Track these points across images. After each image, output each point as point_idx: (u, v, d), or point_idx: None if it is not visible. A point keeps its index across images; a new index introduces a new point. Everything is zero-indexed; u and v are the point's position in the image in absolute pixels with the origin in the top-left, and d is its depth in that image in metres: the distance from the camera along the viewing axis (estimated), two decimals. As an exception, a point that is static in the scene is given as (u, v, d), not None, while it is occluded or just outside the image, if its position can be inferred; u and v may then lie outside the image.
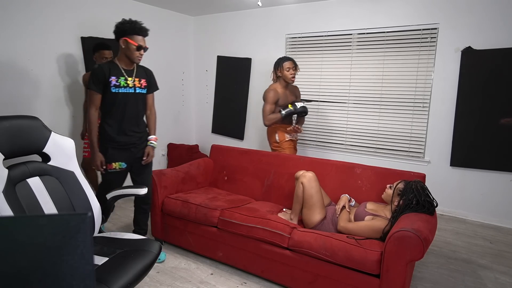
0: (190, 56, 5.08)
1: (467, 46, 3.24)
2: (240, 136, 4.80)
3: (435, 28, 3.37)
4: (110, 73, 2.22)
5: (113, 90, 2.23)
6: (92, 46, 3.15)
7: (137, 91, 2.34)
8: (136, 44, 2.21)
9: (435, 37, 3.39)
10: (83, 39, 3.50)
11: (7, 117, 1.64)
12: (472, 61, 3.22)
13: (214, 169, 3.16)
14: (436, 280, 2.33)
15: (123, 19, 2.24)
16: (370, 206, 2.22)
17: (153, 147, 2.49)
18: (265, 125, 3.12)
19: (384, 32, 3.63)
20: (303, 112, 3.12)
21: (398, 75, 3.61)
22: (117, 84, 2.24)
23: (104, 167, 2.29)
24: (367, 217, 2.10)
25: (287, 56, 3.21)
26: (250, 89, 4.65)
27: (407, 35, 3.52)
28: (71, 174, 1.82)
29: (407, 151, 3.70)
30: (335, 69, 3.95)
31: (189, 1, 4.14)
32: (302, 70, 4.17)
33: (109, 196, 1.94)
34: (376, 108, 3.78)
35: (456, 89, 3.34)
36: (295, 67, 3.09)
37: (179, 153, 4.72)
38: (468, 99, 3.29)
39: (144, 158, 2.43)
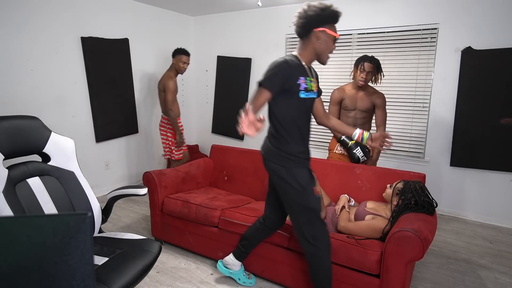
0: (190, 56, 5.07)
1: (467, 46, 3.24)
2: (240, 136, 4.80)
3: (435, 28, 3.37)
4: (299, 72, 1.70)
5: (302, 96, 1.69)
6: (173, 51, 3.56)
7: (315, 96, 1.84)
8: (338, 36, 1.73)
9: (435, 37, 3.39)
10: (83, 39, 3.50)
11: (7, 117, 1.65)
12: (472, 61, 3.22)
13: (214, 169, 3.16)
14: (436, 280, 2.33)
15: (310, 4, 1.69)
16: (370, 205, 2.21)
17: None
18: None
19: (384, 32, 3.63)
20: (355, 158, 2.63)
21: (398, 75, 3.61)
22: (307, 87, 1.70)
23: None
24: (367, 217, 2.09)
25: (374, 57, 2.59)
26: (250, 89, 4.64)
27: (407, 35, 3.52)
28: (71, 174, 1.82)
29: (407, 151, 3.70)
30: (335, 69, 3.95)
31: (189, 1, 4.14)
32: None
33: (109, 196, 1.93)
34: (376, 108, 3.78)
35: (456, 89, 3.34)
36: (372, 73, 2.57)
37: (179, 153, 4.71)
38: (468, 99, 3.29)
39: (387, 143, 1.94)
